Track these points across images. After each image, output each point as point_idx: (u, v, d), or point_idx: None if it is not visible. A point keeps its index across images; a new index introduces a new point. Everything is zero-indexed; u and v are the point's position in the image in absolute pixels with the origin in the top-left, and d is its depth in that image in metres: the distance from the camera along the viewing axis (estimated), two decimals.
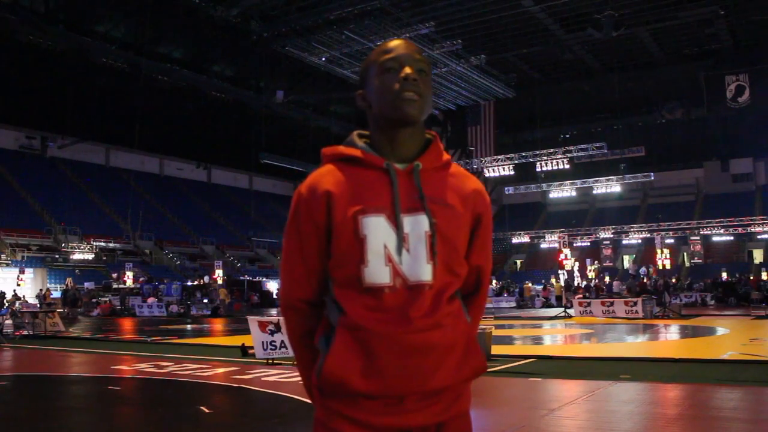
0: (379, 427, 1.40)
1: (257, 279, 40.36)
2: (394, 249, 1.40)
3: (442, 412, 1.43)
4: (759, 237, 45.91)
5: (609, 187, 46.82)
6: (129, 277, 34.74)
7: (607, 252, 48.28)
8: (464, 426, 1.49)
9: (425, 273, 1.40)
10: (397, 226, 1.40)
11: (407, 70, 1.44)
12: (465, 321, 1.48)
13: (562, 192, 48.91)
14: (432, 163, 1.47)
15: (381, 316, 1.38)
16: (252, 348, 9.70)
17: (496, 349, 9.97)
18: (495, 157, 44.01)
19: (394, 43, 1.50)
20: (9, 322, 17.29)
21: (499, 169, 44.05)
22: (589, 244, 49.70)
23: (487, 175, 47.66)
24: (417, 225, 1.41)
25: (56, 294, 32.71)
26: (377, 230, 1.40)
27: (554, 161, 41.61)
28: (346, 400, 1.41)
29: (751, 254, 46.35)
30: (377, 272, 1.39)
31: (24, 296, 29.46)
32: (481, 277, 1.56)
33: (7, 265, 33.80)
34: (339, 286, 1.43)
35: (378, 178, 1.43)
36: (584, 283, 33.63)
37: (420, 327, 1.38)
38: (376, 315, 1.38)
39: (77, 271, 36.52)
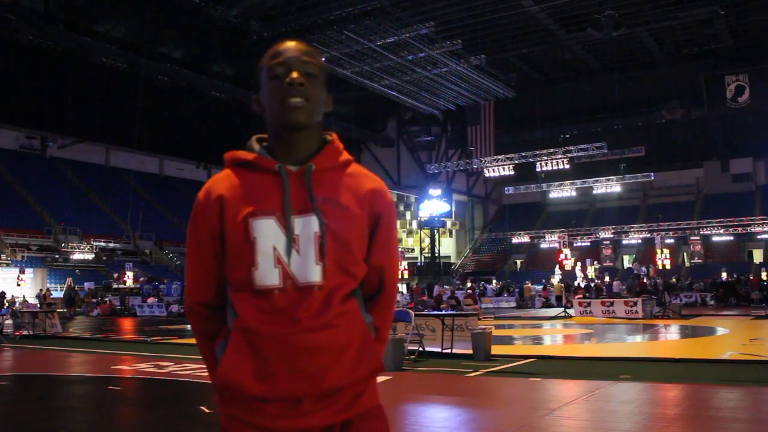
0: (278, 431, 1.39)
1: None
2: (283, 251, 1.40)
3: (341, 411, 1.43)
4: (759, 237, 45.92)
5: (609, 187, 46.82)
6: (129, 277, 34.75)
7: (607, 252, 48.29)
8: (376, 423, 1.48)
9: (314, 274, 1.40)
10: (287, 227, 1.40)
11: (293, 75, 1.43)
12: (362, 321, 1.47)
13: (562, 192, 48.91)
14: (326, 163, 1.46)
15: (270, 318, 1.38)
16: None
17: (496, 349, 9.97)
18: (495, 157, 44.00)
19: (284, 45, 1.48)
20: (9, 322, 17.29)
21: (499, 169, 44.04)
22: (589, 244, 49.72)
23: (487, 175, 47.69)
24: (307, 226, 1.41)
25: (56, 294, 32.74)
26: (267, 232, 1.40)
27: (554, 161, 41.60)
28: (244, 405, 1.40)
29: (751, 254, 46.36)
30: (267, 274, 1.39)
31: (23, 296, 29.46)
32: (383, 277, 1.54)
33: (7, 265, 33.81)
34: (234, 289, 1.44)
35: (270, 180, 1.44)
36: (584, 283, 33.59)
37: (308, 327, 1.38)
38: (265, 317, 1.38)
39: (77, 271, 36.53)
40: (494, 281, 43.32)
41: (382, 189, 1.52)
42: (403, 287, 38.40)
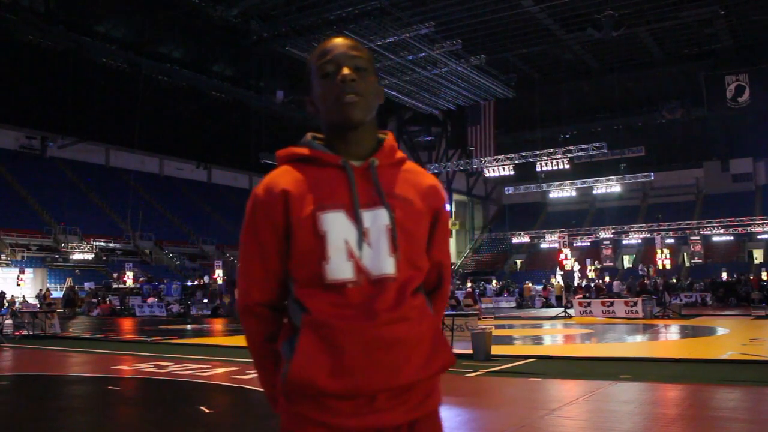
0: (350, 430, 1.37)
1: None
2: (355, 244, 1.38)
3: (413, 410, 1.41)
4: (759, 237, 45.93)
5: (609, 187, 46.82)
6: (129, 277, 34.75)
7: (607, 252, 48.29)
8: (435, 425, 1.48)
9: (388, 266, 1.39)
10: (357, 220, 1.39)
11: (344, 71, 1.42)
12: (431, 315, 1.47)
13: (562, 192, 48.91)
14: (387, 159, 1.47)
15: (346, 312, 1.36)
16: None
17: (496, 349, 9.97)
18: (495, 157, 44.00)
19: (331, 43, 1.48)
20: (9, 322, 17.30)
21: (499, 169, 44.04)
22: (589, 244, 49.72)
23: (487, 175, 47.67)
24: (377, 219, 1.40)
25: (56, 294, 32.74)
26: (337, 226, 1.38)
27: (554, 161, 41.61)
28: (314, 403, 1.37)
29: (751, 254, 46.37)
30: (339, 268, 1.37)
31: (23, 296, 29.47)
32: (442, 272, 1.55)
33: (7, 265, 33.81)
34: (301, 285, 1.42)
35: (335, 175, 1.42)
36: (584, 282, 33.60)
37: (386, 320, 1.36)
38: (341, 311, 1.36)
39: (77, 271, 36.52)
40: (494, 281, 43.33)
41: (439, 186, 1.53)
42: None
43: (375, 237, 1.40)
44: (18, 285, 31.26)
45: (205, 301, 31.17)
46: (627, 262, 49.93)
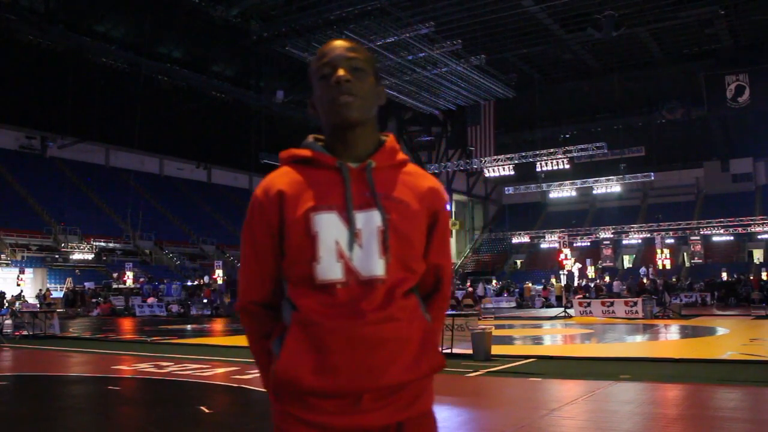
0: (335, 429, 1.38)
1: None
2: (345, 245, 1.40)
3: (400, 411, 1.41)
4: (759, 237, 45.91)
5: (609, 187, 46.81)
6: (129, 277, 34.74)
7: (607, 252, 48.27)
8: (427, 426, 1.48)
9: (378, 268, 1.39)
10: (349, 221, 1.40)
11: (339, 72, 1.44)
12: (422, 317, 1.47)
13: (562, 192, 48.90)
14: (386, 161, 1.48)
15: (333, 311, 1.38)
16: None
17: (496, 349, 9.97)
18: (495, 157, 43.99)
19: (329, 46, 1.49)
20: (9, 322, 17.30)
21: (499, 169, 44.03)
22: (589, 244, 49.71)
23: (487, 175, 47.65)
24: (370, 221, 1.41)
25: (56, 294, 32.75)
26: (329, 227, 1.40)
27: (554, 161, 41.60)
28: (301, 402, 1.39)
29: (751, 254, 46.35)
30: (329, 268, 1.39)
31: (23, 295, 29.46)
32: (440, 275, 1.55)
33: (7, 265, 33.80)
34: (293, 284, 1.44)
35: (331, 177, 1.44)
36: (584, 282, 33.61)
37: (373, 320, 1.37)
38: (328, 310, 1.38)
39: (77, 271, 36.52)
40: (494, 281, 43.31)
41: (440, 188, 1.54)
42: None
43: (366, 238, 1.40)
44: (18, 285, 31.25)
45: (205, 301, 31.17)
46: (627, 262, 49.92)
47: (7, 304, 24.61)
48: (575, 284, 31.19)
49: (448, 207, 1.56)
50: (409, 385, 1.42)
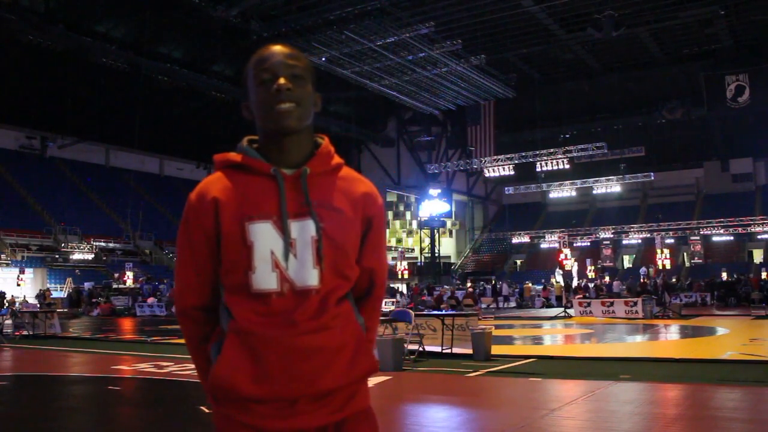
0: (273, 431, 1.40)
1: None
2: (281, 255, 1.40)
3: (335, 412, 1.44)
4: (759, 237, 45.91)
5: (609, 187, 46.82)
6: (129, 277, 34.74)
7: (607, 252, 48.28)
8: (367, 423, 1.50)
9: (312, 278, 1.41)
10: (284, 231, 1.41)
11: (281, 81, 1.43)
12: (355, 322, 1.49)
13: (562, 192, 48.91)
14: (320, 167, 1.47)
15: (268, 321, 1.39)
16: None
17: (496, 349, 9.97)
18: (495, 157, 43.99)
19: (268, 51, 1.48)
20: (9, 322, 17.30)
21: (499, 169, 44.04)
22: (589, 244, 49.70)
23: (487, 175, 47.64)
24: (304, 230, 1.42)
25: (57, 294, 32.74)
26: (264, 236, 1.40)
27: (554, 161, 41.60)
28: (239, 405, 1.41)
29: (751, 254, 46.35)
30: (264, 278, 1.40)
31: (24, 296, 29.45)
32: (374, 279, 1.56)
33: (7, 265, 33.81)
34: (229, 292, 1.44)
35: (265, 184, 1.43)
36: (584, 282, 33.59)
37: (306, 330, 1.39)
38: (263, 319, 1.39)
39: (77, 271, 36.53)
40: (494, 281, 43.27)
41: (374, 192, 1.54)
42: (403, 287, 38.39)
43: (301, 248, 1.42)
44: (18, 285, 31.25)
45: None
46: (627, 262, 49.92)
47: (7, 304, 24.60)
48: (573, 284, 31.16)
49: (383, 210, 1.56)
50: (343, 388, 1.45)
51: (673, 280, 34.47)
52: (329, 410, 1.43)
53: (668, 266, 29.52)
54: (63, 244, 37.60)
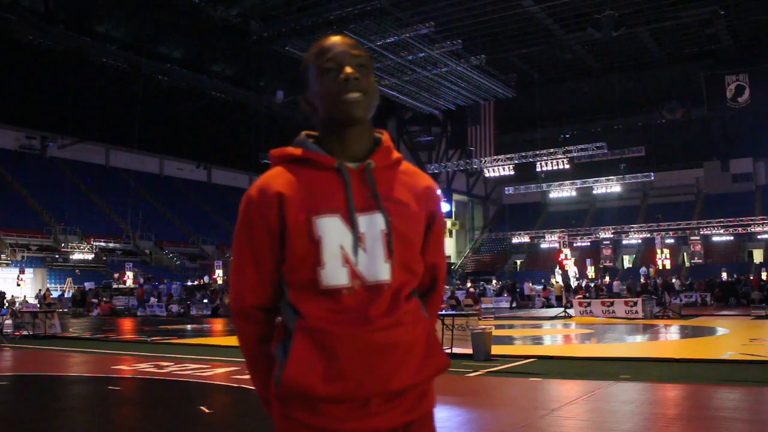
0: None
1: None
2: (350, 249, 1.37)
3: (407, 413, 1.41)
4: (759, 237, 45.90)
5: (609, 187, 46.80)
6: (129, 277, 34.74)
7: (607, 252, 48.26)
8: (429, 426, 1.48)
9: (383, 272, 1.38)
10: (353, 225, 1.37)
11: (347, 69, 1.41)
12: (424, 318, 1.46)
13: (562, 192, 48.90)
14: (383, 161, 1.45)
15: (341, 317, 1.35)
16: None
17: (496, 349, 9.97)
18: (495, 157, 43.99)
19: (330, 41, 1.46)
20: (9, 322, 17.30)
21: (499, 169, 44.04)
22: (589, 244, 49.69)
23: (487, 175, 47.64)
24: (372, 224, 1.38)
25: (56, 294, 32.74)
26: (332, 231, 1.37)
27: (554, 161, 41.59)
28: (308, 408, 1.37)
29: (751, 254, 46.34)
30: (334, 274, 1.36)
31: (24, 296, 29.46)
32: (436, 275, 1.54)
33: (7, 265, 33.81)
34: (295, 289, 1.40)
35: (330, 178, 1.40)
36: (584, 282, 33.58)
37: (381, 326, 1.36)
38: (335, 316, 1.36)
39: (77, 271, 36.54)
40: (494, 281, 43.30)
41: (435, 187, 1.52)
42: None
43: (370, 242, 1.38)
44: (18, 285, 31.25)
45: (205, 301, 31.17)
46: (627, 262, 49.91)
47: (7, 304, 24.61)
48: (571, 283, 31.13)
49: (443, 205, 1.56)
50: (415, 387, 1.42)
51: (673, 281, 34.45)
52: (401, 411, 1.40)
53: (668, 266, 29.54)
54: (63, 244, 37.61)
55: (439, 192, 1.54)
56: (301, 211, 1.37)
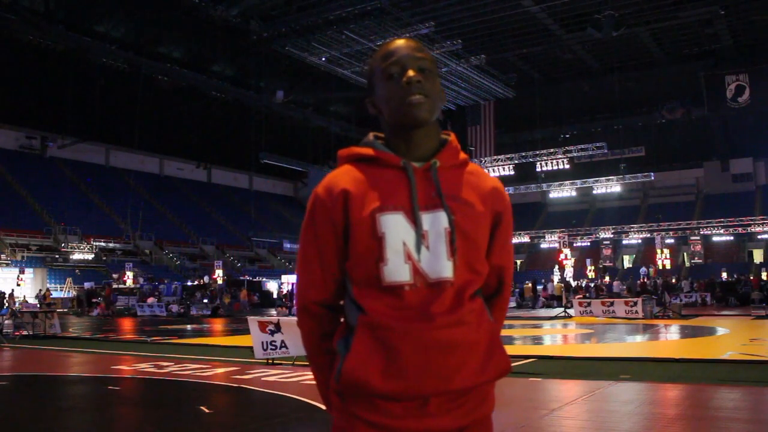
0: (402, 431, 1.37)
1: (257, 279, 40.39)
2: (413, 246, 1.38)
3: (465, 416, 1.41)
4: (759, 237, 45.91)
5: (609, 187, 46.82)
6: (129, 277, 34.74)
7: (607, 252, 48.28)
8: (487, 430, 1.48)
9: (446, 270, 1.38)
10: (416, 223, 1.39)
11: (410, 73, 1.43)
12: (488, 320, 1.46)
13: (562, 192, 48.91)
14: (449, 161, 1.46)
15: (403, 314, 1.36)
16: None
17: None
18: (495, 157, 44.01)
19: (394, 45, 1.48)
20: (9, 322, 17.29)
21: (499, 169, 44.04)
22: (589, 244, 49.70)
23: None
24: (436, 222, 1.39)
25: (56, 294, 32.73)
26: (396, 228, 1.38)
27: (554, 161, 41.61)
28: (367, 404, 1.37)
29: (751, 254, 46.34)
30: (397, 270, 1.37)
31: (24, 296, 29.46)
32: (503, 277, 1.54)
33: (7, 265, 33.81)
34: (358, 285, 1.42)
35: (395, 176, 1.42)
36: (584, 282, 33.59)
37: (443, 324, 1.36)
38: (397, 313, 1.36)
39: (77, 271, 36.53)
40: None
41: (502, 188, 1.52)
42: None
43: (433, 240, 1.39)
44: (18, 285, 31.24)
45: (205, 301, 31.17)
46: (627, 262, 49.92)
47: (7, 304, 24.60)
48: (570, 283, 31.13)
49: (510, 206, 1.54)
50: (475, 390, 1.42)
51: (673, 281, 34.47)
52: (460, 413, 1.40)
53: (668, 266, 29.53)
54: (63, 244, 37.61)
55: (507, 195, 1.53)
56: (366, 208, 1.39)
